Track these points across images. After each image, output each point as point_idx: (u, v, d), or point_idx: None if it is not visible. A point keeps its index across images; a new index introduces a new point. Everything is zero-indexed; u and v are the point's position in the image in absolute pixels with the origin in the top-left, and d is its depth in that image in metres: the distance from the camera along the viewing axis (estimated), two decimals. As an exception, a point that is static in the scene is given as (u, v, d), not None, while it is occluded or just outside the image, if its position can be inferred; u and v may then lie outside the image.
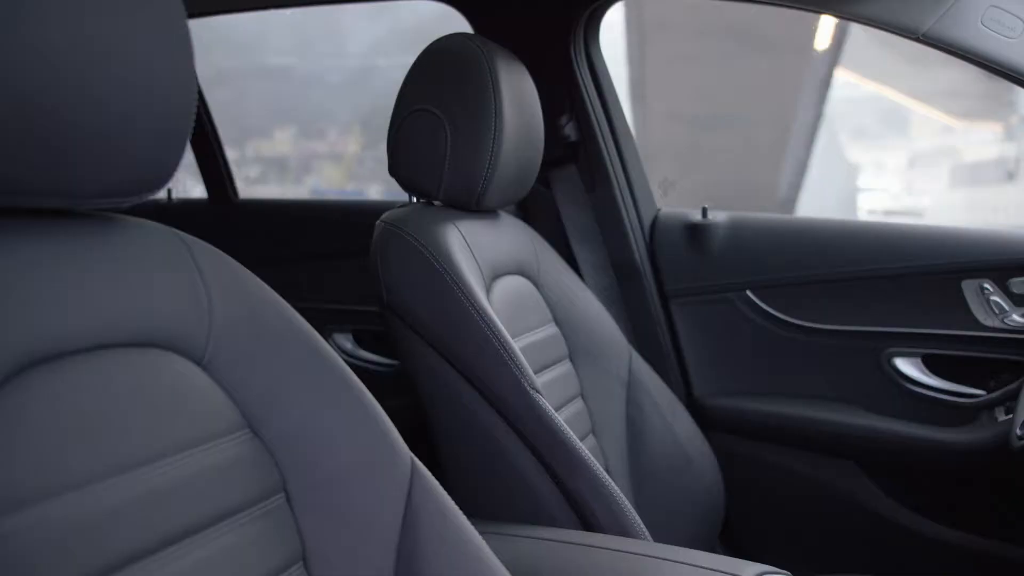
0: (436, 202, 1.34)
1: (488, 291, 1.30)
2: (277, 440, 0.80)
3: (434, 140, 1.28)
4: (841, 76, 4.99)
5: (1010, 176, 5.30)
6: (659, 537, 1.37)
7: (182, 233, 0.78)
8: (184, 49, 0.68)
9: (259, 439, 0.78)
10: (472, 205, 1.33)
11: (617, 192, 1.74)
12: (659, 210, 1.80)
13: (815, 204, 5.39)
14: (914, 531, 1.59)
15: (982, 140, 5.58)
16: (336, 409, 0.85)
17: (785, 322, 1.67)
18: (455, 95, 1.28)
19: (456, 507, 0.89)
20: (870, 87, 5.43)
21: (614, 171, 1.74)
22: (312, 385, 0.84)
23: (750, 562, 1.01)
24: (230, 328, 0.77)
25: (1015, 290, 1.52)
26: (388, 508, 0.86)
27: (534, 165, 1.41)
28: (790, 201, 4.59)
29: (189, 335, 0.74)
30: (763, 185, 4.69)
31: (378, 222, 1.27)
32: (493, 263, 1.34)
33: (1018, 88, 1.28)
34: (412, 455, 0.88)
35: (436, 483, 0.88)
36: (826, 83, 4.71)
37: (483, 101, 1.26)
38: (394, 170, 1.32)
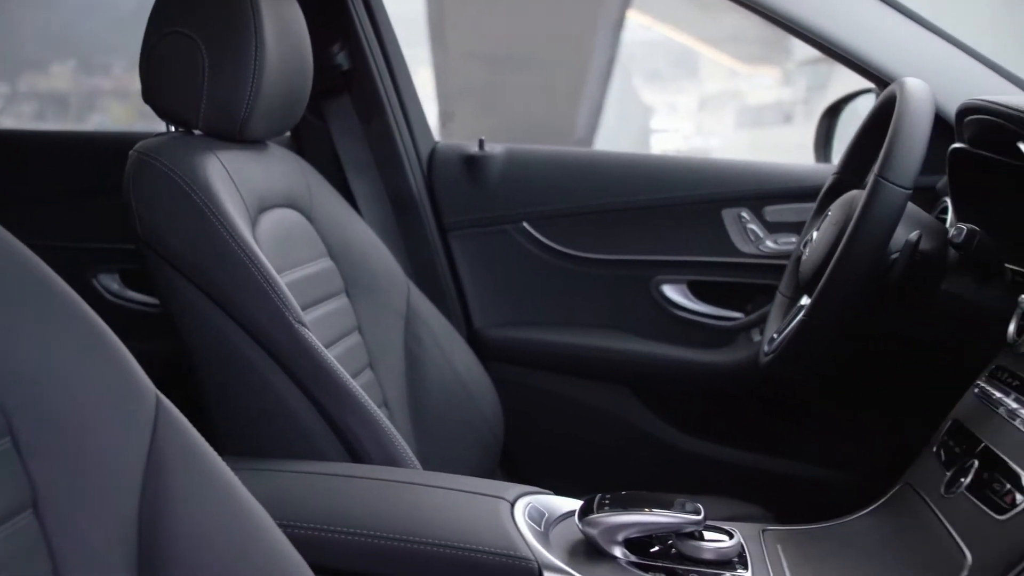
0: (196, 131, 1.27)
1: (254, 224, 1.26)
2: (1, 381, 0.74)
3: (190, 65, 1.21)
4: (635, 19, 5.11)
5: (787, 118, 5.62)
6: (440, 467, 1.38)
7: None
8: None
9: None
10: (235, 135, 1.27)
11: (393, 124, 1.71)
12: (436, 142, 1.80)
13: (611, 145, 5.54)
14: (683, 448, 1.69)
15: (764, 84, 5.88)
16: (67, 347, 0.80)
17: (561, 252, 1.72)
18: (211, 17, 1.21)
19: (206, 445, 0.85)
20: (662, 31, 5.59)
21: (389, 102, 1.71)
22: (40, 322, 0.78)
23: (513, 484, 1.03)
24: None
25: (769, 218, 1.62)
26: (130, 448, 0.81)
27: (303, 94, 1.36)
28: (586, 141, 4.69)
29: None
30: (560, 126, 4.77)
31: (131, 152, 1.19)
32: (259, 195, 1.29)
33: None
34: (158, 393, 0.84)
35: (184, 421, 0.85)
36: (619, 25, 4.81)
37: (241, 24, 1.20)
38: (149, 97, 1.24)
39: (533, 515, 0.96)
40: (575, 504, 0.98)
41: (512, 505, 0.96)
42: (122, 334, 0.81)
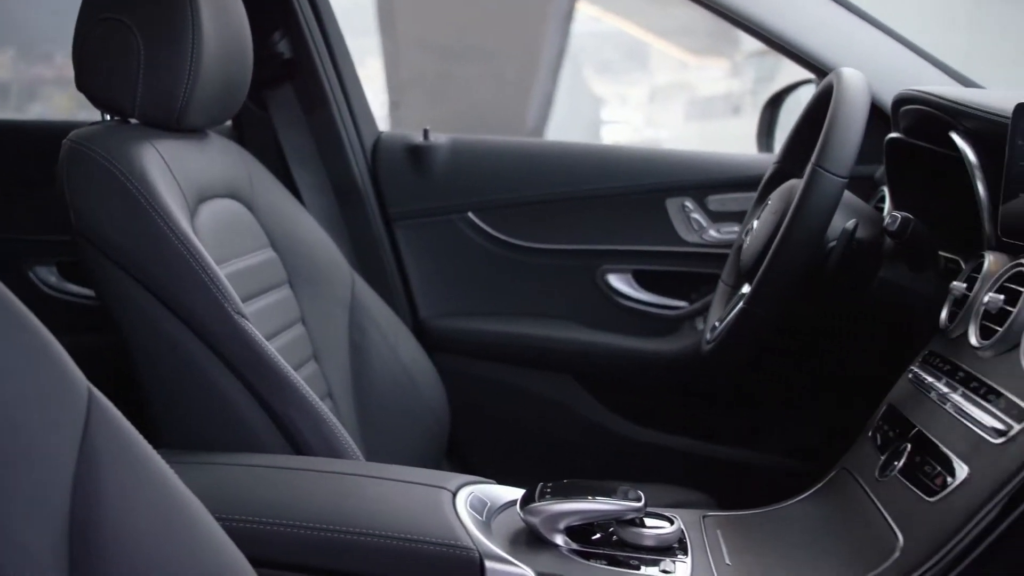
0: (132, 120, 1.25)
1: (193, 215, 1.24)
2: None
3: (124, 53, 1.18)
4: (584, 10, 5.12)
5: (736, 110, 5.67)
6: (386, 458, 1.38)
7: None
8: None
9: None
10: (173, 124, 1.25)
11: (336, 113, 1.70)
12: (381, 133, 1.79)
13: (562, 137, 5.55)
14: (629, 436, 1.70)
15: (713, 76, 5.93)
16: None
17: (506, 242, 1.72)
18: (145, 2, 1.19)
19: (141, 439, 0.84)
20: (612, 22, 5.60)
21: (332, 92, 1.70)
22: None
23: (456, 474, 1.02)
24: None
25: (712, 208, 1.64)
26: (61, 444, 0.79)
27: (243, 82, 1.34)
28: (537, 132, 4.69)
29: None
30: (511, 117, 4.77)
31: (65, 141, 1.17)
32: (198, 185, 1.27)
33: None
34: (91, 387, 0.82)
35: (118, 416, 0.83)
36: (569, 16, 4.81)
37: (177, 9, 1.18)
38: (83, 86, 1.22)
39: (475, 505, 0.96)
40: (518, 493, 0.98)
41: (454, 495, 0.95)
42: (61, 328, 0.80)
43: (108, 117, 1.26)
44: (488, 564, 0.86)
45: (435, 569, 0.88)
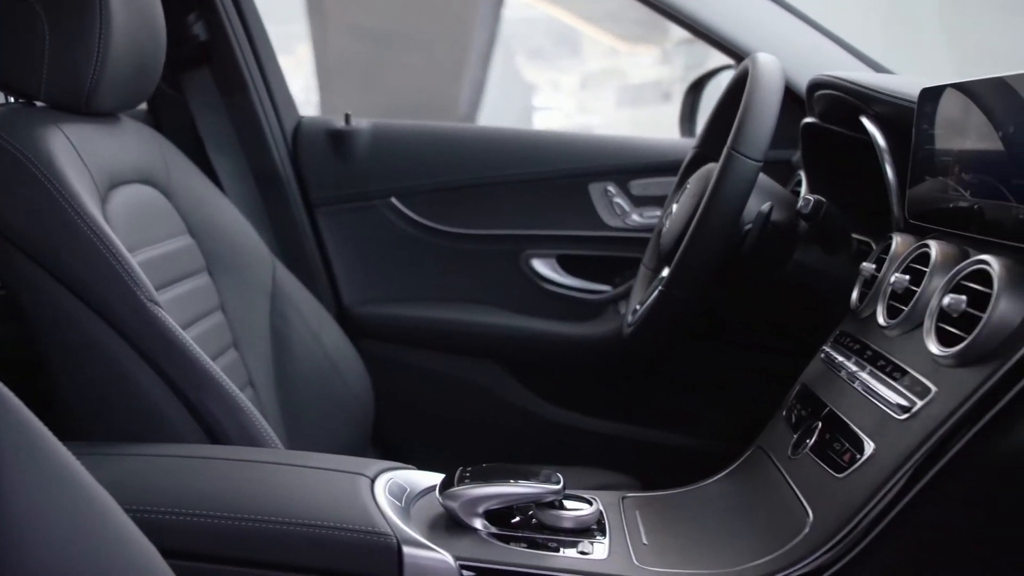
0: (38, 103, 1.21)
1: (104, 201, 1.21)
2: None
3: (28, 32, 1.15)
4: (516, -4, 5.11)
5: (666, 96, 5.71)
6: (310, 445, 1.36)
7: None
8: None
9: None
10: (81, 106, 1.21)
11: (255, 98, 1.67)
12: (301, 117, 1.76)
13: (494, 123, 5.53)
14: (554, 420, 1.71)
15: (643, 63, 5.96)
16: None
17: (430, 228, 1.71)
18: None
19: (46, 431, 0.81)
20: (543, 8, 5.60)
21: (251, 75, 1.67)
22: None
23: (376, 460, 1.02)
24: None
25: (635, 192, 1.65)
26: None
27: (155, 64, 1.31)
28: (469, 119, 4.67)
29: None
30: (443, 103, 4.74)
31: None
32: (110, 170, 1.24)
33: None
34: (-12, 378, 0.80)
35: (21, 407, 0.81)
36: (499, 2, 4.80)
37: None
38: None
39: (394, 491, 0.96)
40: (438, 478, 0.98)
41: (372, 481, 0.95)
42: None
43: (13, 99, 1.22)
44: (406, 550, 0.86)
45: (352, 556, 0.87)
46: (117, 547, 0.77)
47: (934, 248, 0.96)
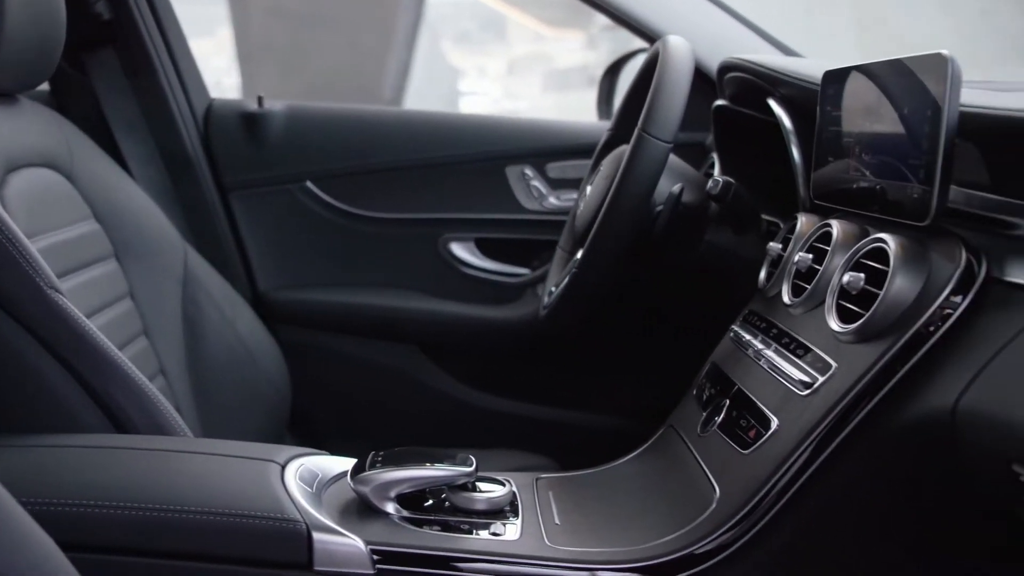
0: (-72, 85, 1.17)
1: (1, 185, 1.17)
2: None
3: None
4: (442, -21, 5.07)
5: (592, 81, 5.72)
6: (225, 433, 1.34)
7: None
8: None
9: None
10: None
11: (163, 79, 1.63)
12: (212, 100, 1.73)
13: (420, 108, 5.48)
14: (474, 404, 1.71)
15: (569, 48, 5.97)
16: None
17: (346, 212, 1.69)
18: None
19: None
20: (469, -8, 5.56)
21: (158, 55, 1.63)
22: None
23: (285, 447, 1.00)
24: None
25: (552, 175, 1.66)
26: None
27: (54, 43, 1.26)
28: (394, 103, 4.63)
29: None
30: (368, 86, 4.69)
31: None
32: (7, 154, 1.20)
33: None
34: None
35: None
36: (424, -16, 4.75)
37: None
38: None
39: (305, 477, 0.95)
40: (350, 464, 0.97)
41: (283, 468, 0.94)
42: None
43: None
44: (316, 536, 0.85)
45: (262, 543, 0.86)
46: (10, 544, 0.74)
47: (836, 227, 0.98)
